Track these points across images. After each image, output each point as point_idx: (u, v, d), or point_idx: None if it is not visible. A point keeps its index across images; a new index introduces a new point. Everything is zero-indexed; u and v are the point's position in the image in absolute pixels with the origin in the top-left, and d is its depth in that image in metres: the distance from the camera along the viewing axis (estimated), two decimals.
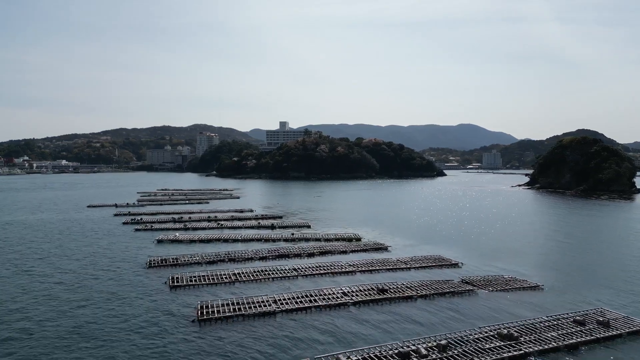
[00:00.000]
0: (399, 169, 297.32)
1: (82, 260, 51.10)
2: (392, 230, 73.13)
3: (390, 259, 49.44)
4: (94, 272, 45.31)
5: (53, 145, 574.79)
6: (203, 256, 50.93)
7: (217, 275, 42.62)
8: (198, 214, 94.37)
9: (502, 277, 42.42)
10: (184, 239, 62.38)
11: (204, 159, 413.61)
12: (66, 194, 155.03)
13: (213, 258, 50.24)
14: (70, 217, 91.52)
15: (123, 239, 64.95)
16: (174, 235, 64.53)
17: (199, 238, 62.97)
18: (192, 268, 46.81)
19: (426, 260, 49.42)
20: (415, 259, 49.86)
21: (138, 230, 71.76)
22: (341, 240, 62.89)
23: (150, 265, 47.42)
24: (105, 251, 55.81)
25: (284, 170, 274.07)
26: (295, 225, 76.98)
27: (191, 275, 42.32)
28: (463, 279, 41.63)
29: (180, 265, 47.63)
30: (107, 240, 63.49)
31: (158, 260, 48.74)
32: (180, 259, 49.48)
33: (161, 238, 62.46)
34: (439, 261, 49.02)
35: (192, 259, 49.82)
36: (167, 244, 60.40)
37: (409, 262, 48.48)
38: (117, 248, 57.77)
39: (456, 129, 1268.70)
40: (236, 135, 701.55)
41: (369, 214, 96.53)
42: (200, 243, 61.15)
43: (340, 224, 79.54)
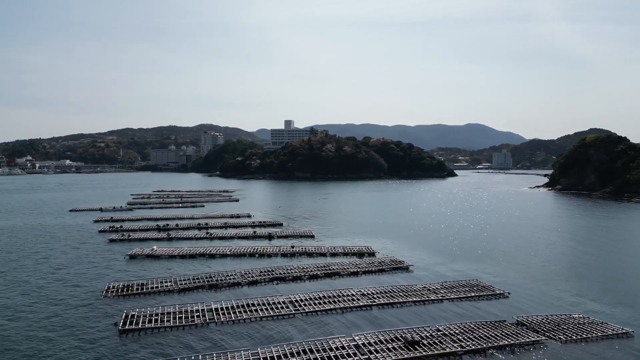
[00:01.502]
0: (408, 169, 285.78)
1: (28, 283, 40.84)
2: (410, 241, 62.27)
3: (416, 287, 38.56)
4: (33, 303, 34.98)
5: (59, 145, 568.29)
6: (177, 281, 40.41)
7: (188, 313, 32.10)
8: (188, 220, 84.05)
9: (570, 318, 31.48)
10: (162, 254, 51.98)
11: (208, 158, 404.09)
12: (55, 196, 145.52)
13: (189, 283, 39.74)
14: (46, 223, 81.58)
15: (92, 252, 54.67)
16: (152, 248, 54.14)
17: (179, 253, 52.53)
18: (159, 299, 36.32)
19: (461, 287, 38.55)
20: (447, 285, 38.98)
21: (113, 242, 61.48)
22: (351, 255, 52.21)
23: (106, 294, 36.98)
24: (62, 271, 45.49)
25: (289, 170, 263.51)
26: (296, 234, 66.37)
27: (153, 313, 31.83)
28: (519, 320, 30.73)
29: (145, 295, 37.15)
30: (73, 255, 53.24)
31: (119, 287, 38.30)
32: (148, 285, 39.00)
33: (135, 253, 52.10)
34: (478, 289, 38.18)
35: (163, 285, 39.29)
36: (141, 261, 50.01)
37: (440, 290, 37.65)
38: (78, 267, 47.43)
39: (464, 128, 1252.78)
40: (242, 135, 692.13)
41: (380, 219, 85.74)
42: (180, 259, 50.70)
43: (349, 233, 68.84)
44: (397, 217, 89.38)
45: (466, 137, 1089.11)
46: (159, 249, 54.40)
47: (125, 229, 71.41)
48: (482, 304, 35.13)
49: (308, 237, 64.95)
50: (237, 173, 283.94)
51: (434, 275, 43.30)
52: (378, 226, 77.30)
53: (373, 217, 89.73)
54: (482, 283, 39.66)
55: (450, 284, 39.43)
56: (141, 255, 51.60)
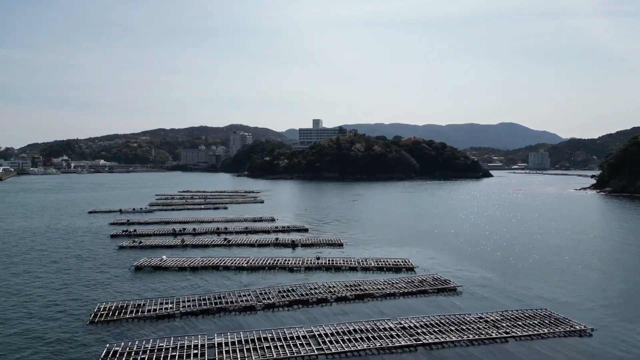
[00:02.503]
0: (441, 169, 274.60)
1: (10, 299, 35.53)
2: (453, 252, 54.37)
3: (469, 317, 30.93)
4: (7, 331, 29.39)
5: (95, 146, 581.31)
6: (180, 302, 34.16)
7: (185, 349, 25.68)
8: (208, 223, 78.48)
9: None
10: (171, 265, 46.07)
11: (237, 158, 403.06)
12: (80, 197, 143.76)
13: (194, 306, 33.43)
14: (61, 225, 77.67)
15: (97, 261, 49.41)
16: (160, 258, 48.34)
17: (190, 264, 46.49)
18: (156, 326, 30.14)
19: (528, 319, 30.69)
20: (509, 316, 31.18)
21: (122, 249, 56.21)
22: (386, 270, 44.93)
23: (94, 318, 31.07)
24: (54, 285, 40.13)
25: (317, 170, 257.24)
26: (323, 242, 59.46)
27: (141, 350, 25.56)
28: None
29: (140, 321, 31.04)
30: (75, 264, 48.08)
31: (110, 310, 32.37)
32: (145, 308, 32.91)
33: (141, 263, 46.38)
34: (550, 322, 30.25)
35: (163, 307, 33.11)
36: (146, 273, 44.23)
37: (501, 322, 29.93)
38: (76, 279, 42.03)
39: (497, 127, 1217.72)
40: (271, 135, 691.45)
41: (416, 224, 77.85)
42: (190, 272, 44.63)
43: (381, 241, 61.45)
44: (434, 222, 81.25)
45: (499, 137, 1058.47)
46: (169, 258, 48.55)
47: (138, 234, 66.31)
48: (560, 343, 27.26)
49: (336, 246, 57.98)
50: (265, 173, 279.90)
51: (488, 301, 35.55)
52: (414, 232, 69.53)
53: (407, 222, 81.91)
54: (554, 314, 31.65)
55: (512, 314, 31.60)
56: (148, 266, 45.83)
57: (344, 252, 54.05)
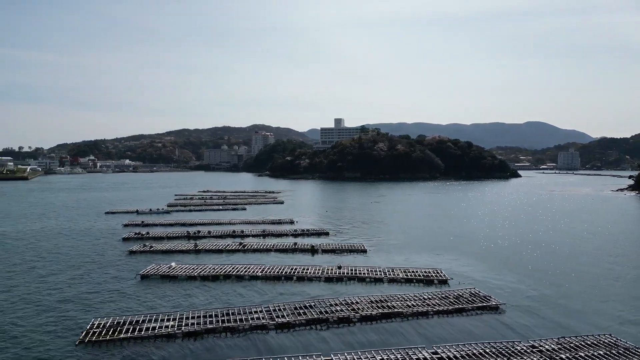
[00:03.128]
0: (467, 169, 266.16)
1: (1, 310, 32.37)
2: (490, 260, 49.15)
3: (519, 345, 25.92)
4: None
5: (121, 146, 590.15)
6: (184, 319, 30.24)
7: None
8: (224, 226, 75.02)
9: None
10: (180, 274, 42.39)
11: (259, 158, 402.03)
12: (101, 196, 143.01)
13: (198, 324, 29.43)
14: (76, 227, 75.44)
15: (103, 267, 46.22)
16: (169, 265, 44.76)
17: (201, 272, 42.70)
18: (151, 349, 26.31)
19: (591, 347, 25.59)
20: (567, 344, 26.01)
21: (132, 254, 53.00)
22: (415, 281, 40.23)
23: (85, 338, 27.43)
24: (56, 294, 36.94)
25: (339, 170, 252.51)
26: (345, 248, 55.01)
27: None
28: None
29: (135, 341, 27.25)
30: (79, 271, 44.98)
31: (104, 327, 28.70)
32: (143, 326, 29.12)
33: (148, 272, 42.84)
34: (619, 352, 25.10)
35: (163, 325, 29.20)
36: (153, 282, 40.68)
37: (559, 352, 24.87)
38: (76, 289, 38.78)
39: (523, 127, 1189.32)
40: (293, 135, 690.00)
41: (445, 228, 72.57)
42: (200, 282, 40.85)
43: (408, 247, 56.63)
44: (466, 226, 75.78)
45: (526, 136, 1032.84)
46: (178, 266, 44.92)
47: (151, 236, 63.19)
48: None
49: (359, 252, 53.46)
50: (286, 173, 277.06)
51: (539, 323, 30.51)
52: (443, 237, 64.35)
53: (435, 225, 76.67)
54: (620, 341, 26.46)
55: (571, 342, 26.48)
56: (155, 275, 42.25)
57: (368, 260, 49.52)
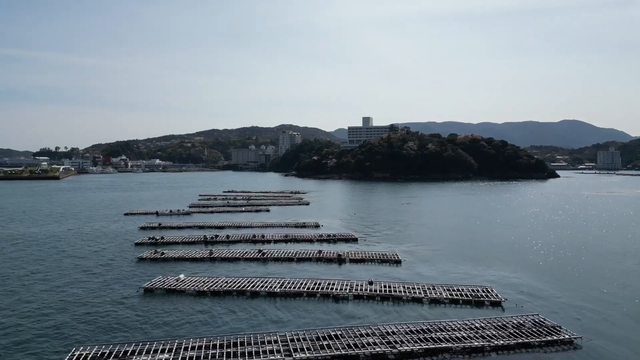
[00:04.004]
0: (501, 169, 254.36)
1: None
2: (550, 277, 41.94)
3: None
4: None
5: (152, 146, 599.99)
6: (181, 349, 24.75)
7: None
8: (245, 229, 69.96)
9: None
10: (189, 288, 37.16)
11: (286, 158, 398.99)
12: (126, 196, 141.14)
13: (198, 356, 23.95)
14: (91, 229, 71.91)
15: (106, 278, 41.59)
16: (177, 278, 39.66)
17: (212, 286, 37.35)
18: None
19: None
20: None
21: (141, 261, 48.38)
22: (462, 303, 33.74)
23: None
24: (46, 311, 32.32)
25: (367, 170, 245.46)
26: (376, 258, 48.78)
27: None
28: None
29: None
30: (80, 280, 40.49)
31: (85, 358, 23.63)
32: (129, 358, 23.84)
33: (153, 285, 37.80)
34: None
35: (155, 358, 23.89)
36: (157, 298, 35.62)
37: None
38: (70, 306, 34.11)
39: (558, 125, 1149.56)
40: (320, 134, 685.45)
41: (488, 235, 65.24)
42: (210, 298, 35.55)
43: (447, 257, 49.97)
44: (511, 232, 68.18)
45: (561, 135, 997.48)
46: (188, 278, 39.77)
47: (165, 241, 58.59)
48: None
49: (392, 263, 47.18)
50: (313, 172, 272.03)
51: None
52: (487, 245, 57.22)
53: (476, 231, 69.35)
54: None
55: None
56: (160, 288, 37.19)
57: (404, 273, 43.22)
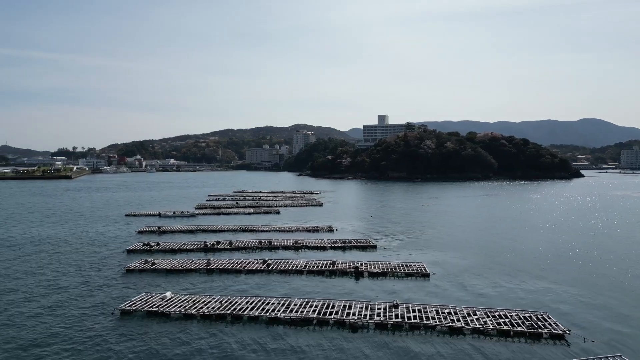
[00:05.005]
0: (523, 168, 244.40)
1: None
2: (610, 299, 34.48)
3: None
4: None
5: (168, 146, 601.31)
6: None
7: None
8: (251, 233, 63.46)
9: None
10: (174, 310, 30.61)
11: (300, 157, 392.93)
12: (133, 196, 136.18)
13: None
14: (87, 232, 66.22)
15: (81, 295, 35.37)
16: (162, 296, 33.21)
17: (202, 309, 30.70)
18: None
19: None
20: None
21: (128, 272, 42.19)
22: (513, 335, 26.54)
23: None
24: (6, 338, 26.20)
25: (382, 169, 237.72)
26: (400, 271, 41.66)
27: None
28: None
29: None
30: (49, 301, 34.35)
31: None
32: None
33: (131, 306, 31.26)
34: None
35: None
36: (135, 322, 29.19)
37: None
38: (23, 338, 27.93)
39: (578, 124, 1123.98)
40: (334, 134, 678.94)
41: (525, 242, 57.58)
42: (199, 323, 29.00)
43: (484, 270, 42.65)
44: (550, 238, 60.32)
45: (580, 134, 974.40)
46: (175, 296, 33.27)
47: (161, 249, 52.33)
48: None
49: (419, 277, 40.08)
50: (327, 172, 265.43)
51: None
52: (528, 255, 49.59)
53: (510, 237, 61.61)
54: None
55: None
56: (140, 310, 30.78)
57: (434, 289, 36.17)
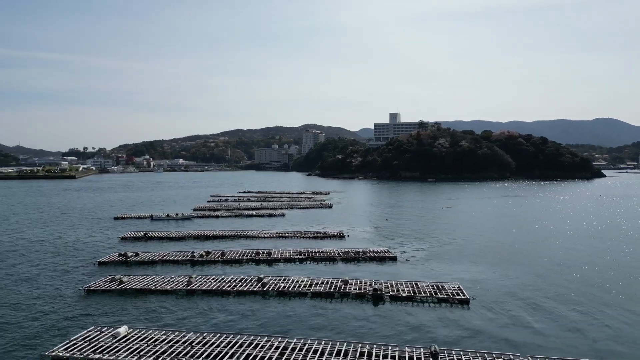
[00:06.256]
0: (541, 167, 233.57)
1: None
2: None
3: None
4: None
5: (178, 146, 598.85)
6: None
7: None
8: (249, 241, 54.83)
9: None
10: (121, 359, 22.20)
11: (309, 157, 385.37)
12: (131, 196, 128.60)
13: None
14: (62, 238, 58.08)
15: (16, 328, 27.09)
16: (115, 333, 24.68)
17: (161, 356, 22.25)
18: None
19: None
20: None
21: (90, 293, 33.86)
22: None
23: None
24: None
25: (394, 169, 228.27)
26: (429, 294, 32.67)
27: None
28: None
29: None
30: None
31: None
32: None
33: (66, 350, 22.79)
34: None
35: None
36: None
37: None
38: None
39: (592, 123, 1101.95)
40: (344, 134, 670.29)
41: (575, 254, 48.20)
42: None
43: (537, 293, 33.57)
44: (598, 247, 50.83)
45: (594, 134, 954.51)
46: (131, 333, 24.69)
47: (139, 260, 43.92)
48: None
49: (456, 304, 31.10)
50: (337, 172, 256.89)
51: None
52: (586, 272, 40.26)
53: (554, 246, 52.12)
54: None
55: None
56: (78, 358, 22.28)
57: (479, 323, 27.19)
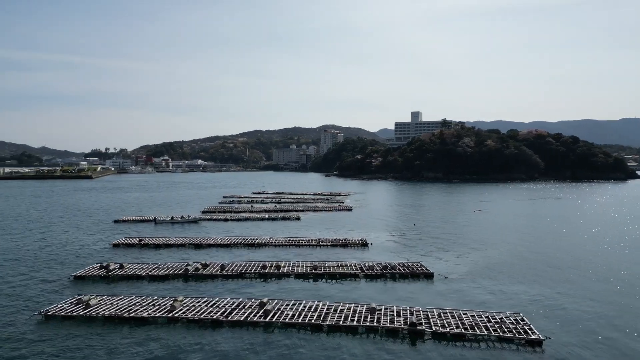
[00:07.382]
0: (572, 168, 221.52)
1: None
2: None
3: None
4: None
5: (197, 147, 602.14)
6: None
7: None
8: (256, 250, 47.44)
9: None
10: None
11: (327, 157, 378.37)
12: (143, 197, 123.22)
13: None
14: (47, 245, 51.77)
15: None
16: None
17: None
18: None
19: None
20: None
21: (48, 319, 26.91)
22: None
23: None
24: None
25: (416, 169, 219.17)
26: (483, 329, 24.82)
27: None
28: None
29: None
30: None
31: None
32: None
33: None
34: None
35: None
36: None
37: None
38: None
39: (618, 124, 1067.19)
40: (363, 134, 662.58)
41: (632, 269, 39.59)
42: None
43: (619, 322, 25.38)
44: None
45: (621, 134, 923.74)
46: None
47: (122, 274, 36.93)
48: None
49: (525, 346, 23.09)
50: (356, 172, 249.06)
51: None
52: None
53: (625, 260, 43.40)
54: None
55: None
56: None
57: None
